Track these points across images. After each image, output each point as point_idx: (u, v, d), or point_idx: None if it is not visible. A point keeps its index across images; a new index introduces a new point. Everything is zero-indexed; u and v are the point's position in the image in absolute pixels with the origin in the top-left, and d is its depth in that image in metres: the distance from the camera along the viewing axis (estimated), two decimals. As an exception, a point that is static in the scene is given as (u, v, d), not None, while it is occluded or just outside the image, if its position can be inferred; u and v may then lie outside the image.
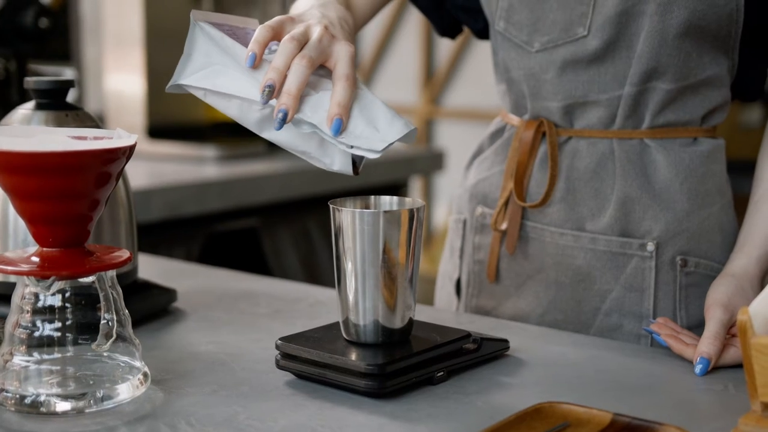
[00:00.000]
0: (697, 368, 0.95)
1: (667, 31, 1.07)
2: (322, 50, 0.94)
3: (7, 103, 2.11)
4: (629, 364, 0.99)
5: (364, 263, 0.91)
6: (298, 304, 1.20)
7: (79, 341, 0.86)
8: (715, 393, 0.91)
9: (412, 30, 4.76)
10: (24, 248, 0.90)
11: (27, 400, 0.84)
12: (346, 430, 0.81)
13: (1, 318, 0.92)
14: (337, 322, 0.95)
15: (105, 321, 0.86)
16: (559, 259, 1.16)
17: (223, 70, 0.96)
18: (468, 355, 0.95)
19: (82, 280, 0.85)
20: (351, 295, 0.92)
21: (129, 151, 0.85)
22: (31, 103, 1.06)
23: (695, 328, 1.10)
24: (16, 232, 1.05)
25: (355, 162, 0.96)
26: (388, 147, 0.92)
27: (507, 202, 1.19)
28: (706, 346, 0.96)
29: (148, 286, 1.16)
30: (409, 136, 0.94)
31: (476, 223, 1.25)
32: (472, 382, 0.93)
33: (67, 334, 0.86)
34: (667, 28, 1.07)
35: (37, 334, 0.85)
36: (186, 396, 0.88)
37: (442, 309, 1.30)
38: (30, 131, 0.91)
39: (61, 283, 0.84)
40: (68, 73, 2.93)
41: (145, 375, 0.89)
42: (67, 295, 0.86)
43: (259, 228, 2.28)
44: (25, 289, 0.85)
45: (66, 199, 0.82)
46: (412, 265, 0.92)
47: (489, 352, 0.98)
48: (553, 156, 1.15)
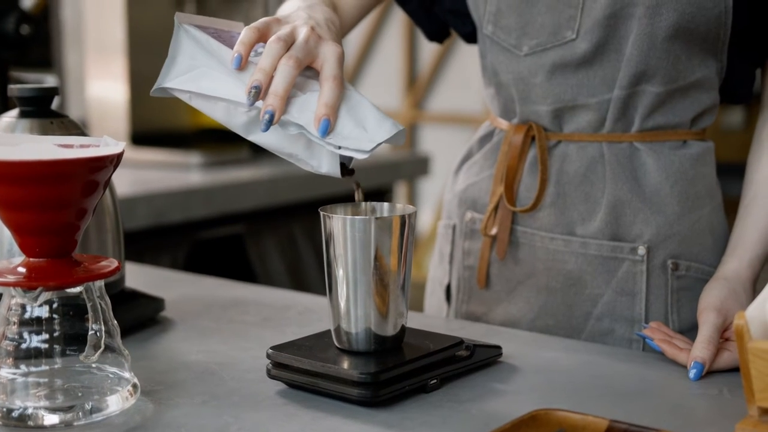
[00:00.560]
0: (691, 373, 0.95)
1: (655, 34, 1.06)
2: (309, 51, 0.93)
3: (-11, 111, 2.09)
4: (622, 370, 0.98)
5: (355, 270, 0.90)
6: (288, 312, 1.19)
7: (67, 353, 0.85)
8: (710, 398, 0.91)
9: (395, 35, 4.75)
10: (10, 259, 0.89)
11: (14, 414, 0.82)
12: (339, 440, 0.80)
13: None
14: (329, 330, 0.94)
15: (93, 332, 0.85)
16: (550, 264, 1.15)
17: (209, 72, 0.94)
18: (461, 362, 0.95)
19: (69, 290, 0.84)
20: (342, 303, 0.91)
21: (116, 159, 0.84)
22: (15, 111, 1.05)
23: (687, 331, 1.10)
24: (2, 242, 1.03)
25: (344, 164, 0.95)
26: (377, 147, 0.91)
27: (497, 207, 1.18)
28: (700, 350, 0.96)
29: (136, 296, 1.14)
30: (398, 137, 0.92)
31: (466, 228, 1.24)
32: (465, 389, 0.92)
33: (55, 346, 0.84)
34: (656, 31, 1.06)
35: (24, 345, 0.84)
36: (176, 407, 0.87)
37: (433, 315, 1.29)
38: (14, 139, 0.89)
39: (48, 293, 0.83)
40: (50, 80, 2.91)
41: (135, 386, 0.88)
42: (55, 306, 0.84)
43: (245, 235, 2.27)
44: (12, 301, 0.84)
45: (53, 208, 0.81)
46: (404, 272, 0.91)
47: (482, 359, 0.97)
48: (543, 160, 1.14)
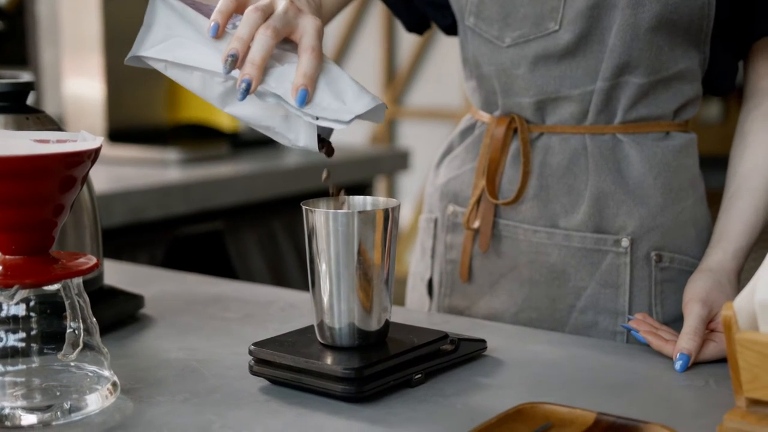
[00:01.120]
0: (677, 364, 0.94)
1: (639, 25, 1.06)
2: (288, 22, 0.91)
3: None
4: (608, 362, 0.98)
5: (338, 265, 0.88)
6: (269, 308, 1.18)
7: (45, 351, 0.83)
8: (697, 389, 0.90)
9: (374, 31, 4.74)
10: (-15, 256, 0.87)
11: (-8, 414, 0.81)
12: (324, 437, 0.79)
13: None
14: (312, 326, 0.93)
15: (71, 330, 0.84)
16: (533, 257, 1.14)
17: (185, 42, 0.93)
18: (446, 357, 0.94)
19: (46, 288, 0.83)
20: (326, 298, 0.90)
21: (94, 155, 0.82)
22: (-10, 107, 1.03)
23: (671, 323, 1.09)
24: (-23, 240, 1.01)
25: (322, 140, 0.93)
26: (355, 119, 0.88)
27: (479, 200, 1.17)
28: (686, 341, 0.95)
29: (115, 293, 1.13)
30: (377, 113, 0.91)
31: (448, 222, 1.23)
32: (450, 383, 0.91)
33: (32, 345, 0.83)
34: (639, 22, 1.06)
35: (0, 344, 0.82)
36: (157, 405, 0.86)
37: (415, 310, 1.28)
38: (-11, 135, 0.87)
39: (25, 291, 0.81)
40: (25, 77, 2.88)
41: (114, 384, 0.86)
42: (32, 304, 0.83)
43: (224, 231, 2.25)
44: (-12, 299, 0.82)
45: (29, 204, 0.79)
46: (388, 266, 0.90)
47: (467, 353, 0.96)
48: (525, 152, 1.13)
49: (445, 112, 4.52)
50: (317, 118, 0.89)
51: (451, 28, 1.26)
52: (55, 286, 0.83)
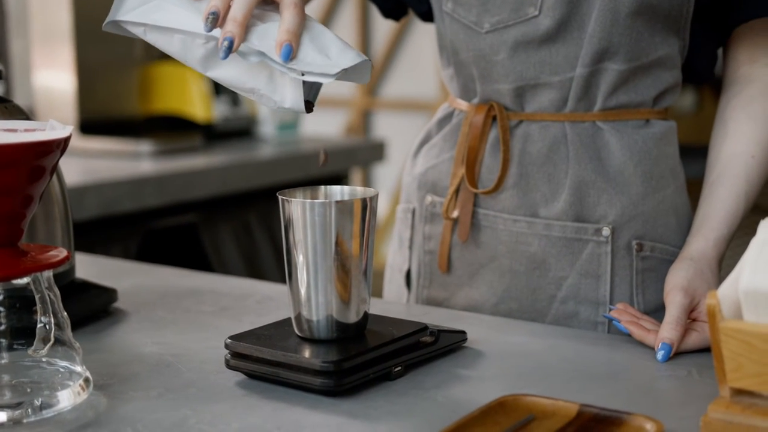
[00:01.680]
0: (659, 354, 0.94)
1: (618, 10, 1.04)
2: None
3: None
4: (589, 353, 0.96)
5: (315, 256, 0.87)
6: (245, 301, 1.16)
7: (15, 347, 0.81)
8: (679, 379, 0.90)
9: (348, 22, 4.71)
10: (-48, 249, 0.85)
11: (-40, 412, 0.78)
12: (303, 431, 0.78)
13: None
14: (289, 318, 0.91)
15: (42, 324, 0.82)
16: (513, 247, 1.13)
17: (164, 4, 0.90)
18: (426, 349, 0.92)
19: (16, 281, 0.81)
20: (303, 290, 0.88)
21: (63, 144, 0.80)
22: (-44, 97, 1.01)
23: (653, 312, 1.08)
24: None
25: (308, 101, 0.91)
26: (341, 74, 0.86)
27: (458, 190, 1.16)
28: (668, 331, 0.94)
29: (87, 286, 1.11)
30: (363, 71, 0.89)
31: (426, 212, 1.21)
32: (430, 376, 0.90)
33: (1, 340, 0.81)
34: (619, 7, 1.04)
35: (-32, 340, 0.80)
36: (131, 401, 0.84)
37: (394, 301, 1.26)
38: (-45, 125, 0.85)
39: (-7, 285, 0.79)
40: (-6, 69, 2.84)
41: (87, 380, 0.84)
42: (0, 298, 0.81)
43: (199, 224, 2.23)
44: (-45, 293, 0.80)
45: (-4, 195, 0.77)
46: (366, 257, 0.89)
47: (447, 345, 0.95)
48: (505, 140, 1.12)
49: (421, 103, 4.50)
50: (303, 74, 0.87)
51: (427, 15, 1.25)
52: (25, 280, 0.81)
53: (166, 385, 0.88)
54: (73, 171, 2.05)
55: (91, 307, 1.09)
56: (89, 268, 1.29)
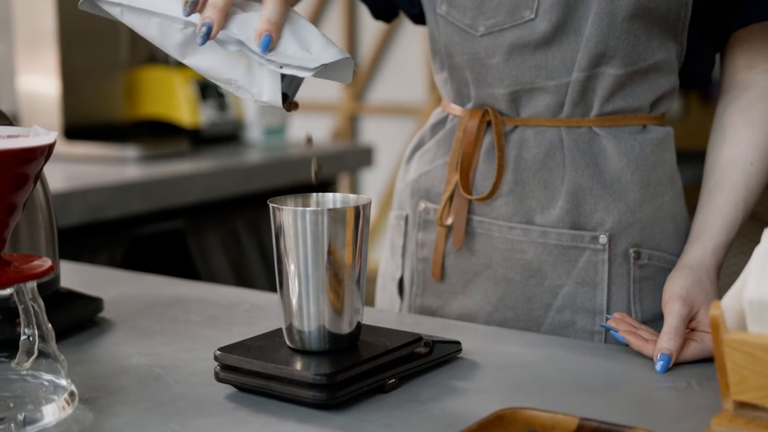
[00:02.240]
0: (658, 365, 0.92)
1: (615, 13, 1.03)
2: None
3: None
4: (586, 363, 0.95)
5: (307, 265, 0.85)
6: (234, 310, 1.13)
7: (-3, 360, 0.79)
8: (679, 391, 0.88)
9: (335, 26, 4.70)
10: (-68, 259, 0.82)
11: (-60, 428, 0.76)
12: (295, 447, 0.75)
13: None
14: (280, 329, 0.89)
15: (26, 337, 0.80)
16: (508, 255, 1.11)
17: None
18: (420, 360, 0.90)
19: (-2, 292, 0.78)
20: (294, 300, 0.86)
21: (48, 151, 0.78)
22: (-63, 102, 0.98)
23: (650, 322, 1.07)
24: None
25: (285, 95, 0.89)
26: (321, 70, 0.84)
27: (452, 196, 1.14)
28: (667, 341, 0.93)
29: (72, 296, 1.08)
30: (345, 71, 0.87)
31: (419, 218, 1.19)
32: (425, 388, 0.87)
33: (-16, 353, 0.78)
34: (616, 10, 1.03)
35: (-51, 353, 0.78)
36: (117, 415, 0.81)
37: (386, 310, 1.24)
38: (-64, 131, 0.83)
39: (-25, 296, 0.77)
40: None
41: (72, 394, 0.82)
42: (-17, 309, 0.78)
43: (185, 230, 2.21)
44: (-65, 305, 0.78)
45: (-22, 204, 0.75)
46: (359, 266, 0.87)
47: (441, 356, 0.93)
48: (500, 146, 1.10)
49: (408, 108, 4.49)
50: (281, 66, 0.85)
51: (419, 17, 1.23)
52: (8, 291, 0.79)
53: (153, 398, 0.85)
54: (58, 177, 2.02)
55: (77, 318, 1.06)
56: (74, 276, 1.27)
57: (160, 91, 2.53)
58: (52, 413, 0.79)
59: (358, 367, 0.84)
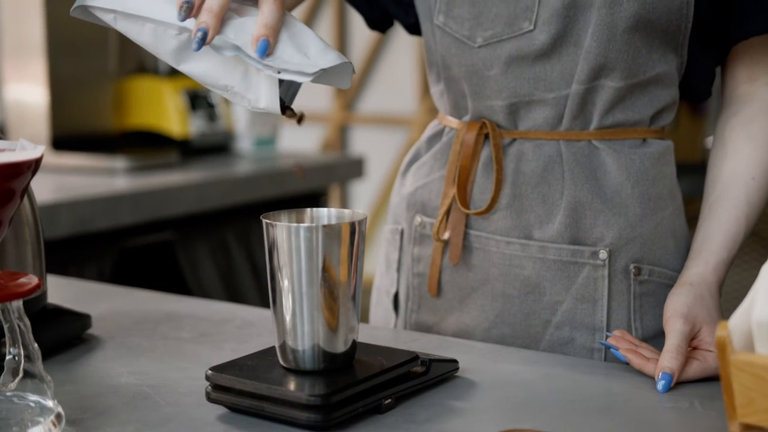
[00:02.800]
0: (660, 384, 0.90)
1: (615, 25, 1.01)
2: None
3: None
4: (586, 382, 0.92)
5: (301, 282, 0.82)
6: (225, 326, 1.11)
7: (-18, 381, 0.76)
8: (682, 411, 0.86)
9: (325, 37, 4.68)
10: None
11: None
12: (289, 472, 0.73)
13: None
14: (273, 347, 0.87)
15: (11, 356, 0.77)
16: (506, 270, 1.09)
17: None
18: (416, 379, 0.88)
19: (-17, 311, 0.76)
20: (288, 318, 0.83)
21: (35, 165, 0.75)
22: None
23: (651, 339, 1.05)
24: None
25: (283, 102, 0.87)
26: (320, 75, 0.82)
27: (449, 210, 1.11)
28: (668, 360, 0.91)
29: (59, 312, 1.05)
30: (343, 76, 0.85)
31: (415, 233, 1.17)
32: (422, 408, 0.85)
33: (-33, 374, 0.76)
34: (616, 22, 1.01)
35: (-68, 374, 0.75)
36: (106, 437, 0.79)
37: (380, 327, 1.22)
38: None
39: (-42, 315, 0.74)
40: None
41: (59, 416, 0.79)
42: (-33, 329, 0.76)
43: (175, 241, 2.18)
44: None
45: (-38, 220, 0.72)
46: (355, 283, 0.84)
47: (438, 375, 0.91)
48: (498, 159, 1.08)
49: (399, 118, 4.47)
50: (279, 72, 0.83)
51: (414, 27, 1.21)
52: (-7, 310, 0.76)
53: (143, 419, 0.83)
54: (46, 188, 2.00)
55: (64, 335, 1.04)
56: (62, 291, 1.24)
57: (150, 101, 2.51)
58: (38, 436, 0.77)
59: (354, 388, 0.81)
